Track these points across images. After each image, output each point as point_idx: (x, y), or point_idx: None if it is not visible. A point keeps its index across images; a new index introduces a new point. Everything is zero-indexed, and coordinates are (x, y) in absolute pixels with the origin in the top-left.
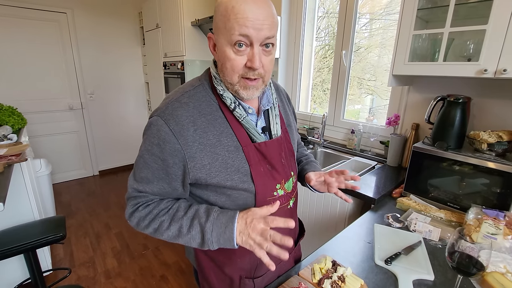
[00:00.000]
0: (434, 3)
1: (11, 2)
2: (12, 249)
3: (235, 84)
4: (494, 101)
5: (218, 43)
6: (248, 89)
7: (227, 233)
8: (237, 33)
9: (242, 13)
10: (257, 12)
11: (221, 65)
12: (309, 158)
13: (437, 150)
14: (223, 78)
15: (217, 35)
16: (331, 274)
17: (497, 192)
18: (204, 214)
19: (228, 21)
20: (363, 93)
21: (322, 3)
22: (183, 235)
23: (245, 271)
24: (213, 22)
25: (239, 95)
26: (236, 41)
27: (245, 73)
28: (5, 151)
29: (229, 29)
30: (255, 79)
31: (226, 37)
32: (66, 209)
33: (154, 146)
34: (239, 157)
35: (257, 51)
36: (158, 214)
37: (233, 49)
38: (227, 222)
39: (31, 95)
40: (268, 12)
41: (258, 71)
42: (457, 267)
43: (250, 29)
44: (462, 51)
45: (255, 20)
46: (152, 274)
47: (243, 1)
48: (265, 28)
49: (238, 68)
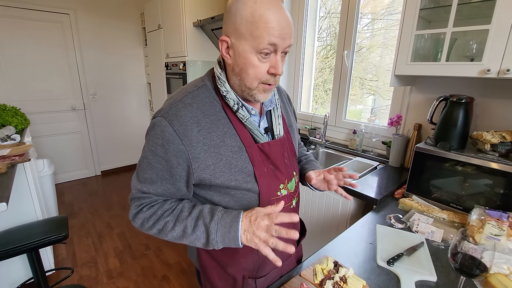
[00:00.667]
0: (436, 3)
1: (14, 3)
2: (15, 248)
3: (254, 89)
4: (497, 101)
5: (238, 48)
6: (266, 92)
7: (231, 233)
8: (266, 42)
9: (271, 23)
10: (284, 21)
11: (241, 70)
12: (309, 158)
13: (440, 151)
14: (241, 81)
15: (237, 40)
16: (333, 275)
17: (500, 193)
18: (209, 214)
19: (256, 29)
20: (365, 93)
21: (323, 3)
22: (188, 235)
23: (248, 271)
24: (231, 26)
25: (255, 98)
26: (264, 49)
27: (266, 80)
28: (8, 151)
29: (256, 37)
30: (273, 84)
31: (252, 44)
32: (68, 209)
33: (158, 146)
34: (243, 157)
35: (279, 58)
36: (162, 215)
37: (258, 56)
38: (231, 221)
39: (34, 96)
40: (290, 21)
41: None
42: (460, 268)
43: (278, 38)
44: (465, 51)
45: (282, 29)
46: (154, 274)
47: (271, 10)
48: (289, 37)
49: (261, 75)
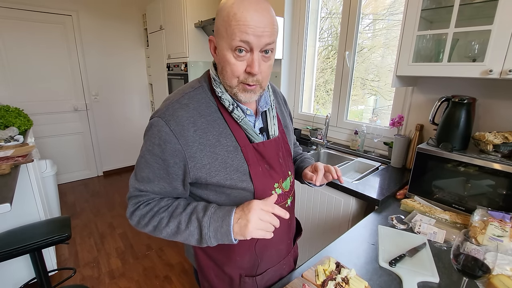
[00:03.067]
0: (438, 4)
1: (18, 5)
2: (18, 249)
3: (234, 87)
4: (500, 102)
5: (219, 46)
6: (247, 92)
7: (224, 227)
8: (237, 39)
9: (243, 20)
10: (258, 20)
11: (221, 68)
12: (303, 156)
13: (442, 151)
14: (223, 80)
15: (218, 38)
16: (335, 275)
17: (503, 193)
18: (202, 209)
19: (229, 26)
20: (366, 93)
21: (325, 4)
22: (182, 231)
23: (244, 269)
24: (215, 26)
25: (238, 98)
26: (237, 47)
27: (244, 79)
28: (12, 152)
29: (230, 35)
30: (253, 85)
31: (227, 41)
32: (71, 210)
33: (155, 146)
34: (238, 157)
35: (256, 57)
36: (158, 212)
37: (233, 54)
38: (224, 216)
39: (37, 97)
40: (269, 20)
41: (257, 77)
42: (462, 269)
43: (251, 36)
44: (467, 52)
45: (255, 27)
46: (156, 274)
47: (245, 8)
48: (265, 35)
49: (238, 73)
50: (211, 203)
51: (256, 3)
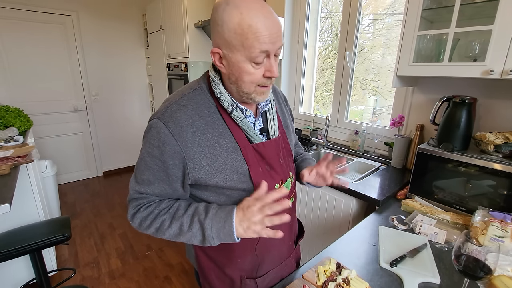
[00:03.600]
0: (439, 4)
1: (18, 5)
2: (18, 249)
3: (251, 93)
4: (501, 102)
5: (232, 59)
6: (264, 93)
7: (226, 227)
8: (258, 51)
9: (261, 31)
10: (272, 26)
11: (237, 79)
12: (304, 156)
13: (443, 152)
14: (239, 89)
15: (229, 51)
16: (336, 276)
17: (504, 194)
18: (203, 211)
19: (246, 40)
20: (366, 93)
21: (325, 4)
22: (184, 233)
23: (246, 271)
24: (219, 38)
25: (254, 100)
26: (256, 57)
27: (263, 83)
28: (11, 152)
29: (248, 47)
30: (269, 85)
31: (245, 54)
32: (70, 210)
33: (154, 148)
34: (238, 158)
35: (273, 62)
36: (159, 214)
37: (252, 64)
38: (226, 216)
39: (37, 97)
40: (278, 23)
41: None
42: (463, 270)
43: (269, 44)
44: (468, 52)
45: (271, 35)
46: (156, 274)
47: (257, 18)
48: (278, 39)
49: (258, 80)
50: (212, 204)
51: (263, 8)
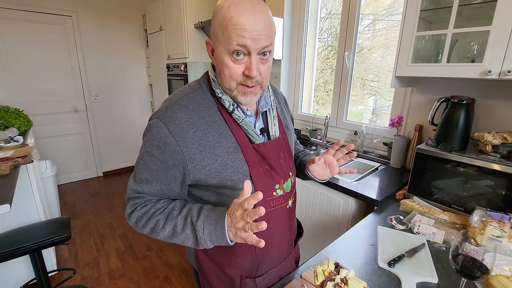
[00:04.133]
0: (437, 4)
1: (17, 5)
2: (18, 249)
3: (233, 90)
4: (499, 102)
5: (216, 49)
6: (246, 95)
7: (218, 230)
8: (235, 43)
9: (240, 24)
10: (255, 23)
11: (219, 71)
12: (306, 152)
13: (441, 152)
14: (221, 83)
15: (215, 41)
16: (334, 276)
17: (502, 194)
18: (196, 212)
19: (226, 30)
20: (366, 94)
21: (324, 4)
22: (178, 234)
23: (245, 271)
24: (211, 29)
25: (238, 100)
26: (234, 50)
27: (243, 81)
28: (11, 153)
29: (227, 38)
30: (253, 86)
31: (224, 45)
32: (70, 210)
33: (154, 148)
34: (238, 158)
35: (254, 60)
36: (154, 213)
37: (231, 58)
38: (217, 218)
39: (37, 97)
40: (266, 23)
41: (256, 79)
42: (461, 270)
43: (248, 39)
44: (466, 52)
45: (252, 31)
46: (156, 275)
47: (241, 12)
48: (262, 38)
49: (236, 76)
50: (205, 205)
51: (252, 6)
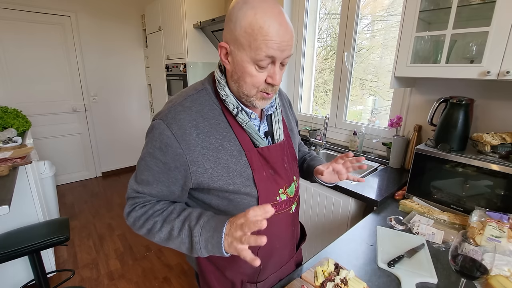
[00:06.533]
0: (436, 5)
1: (16, 5)
2: (17, 250)
3: (251, 96)
4: (498, 103)
5: (237, 56)
6: (264, 100)
7: (215, 238)
8: (263, 54)
9: (270, 36)
10: (283, 34)
11: (239, 78)
12: (312, 154)
13: (440, 152)
14: (239, 89)
15: (236, 48)
16: (334, 277)
17: (501, 194)
18: (196, 218)
19: (254, 40)
20: (365, 94)
21: (323, 4)
22: (174, 238)
23: (247, 275)
24: (230, 34)
25: (253, 104)
26: (261, 61)
27: (265, 89)
28: (10, 153)
29: (254, 49)
30: (271, 93)
31: (250, 54)
32: (69, 211)
33: (156, 149)
34: (242, 161)
35: (278, 69)
36: (152, 215)
37: (255, 67)
38: (216, 226)
39: (36, 98)
40: (291, 33)
41: (275, 87)
42: (460, 270)
43: (277, 51)
44: (465, 53)
45: (281, 42)
46: (155, 275)
47: (271, 22)
48: (288, 48)
49: (259, 84)
50: (205, 211)
51: (279, 15)
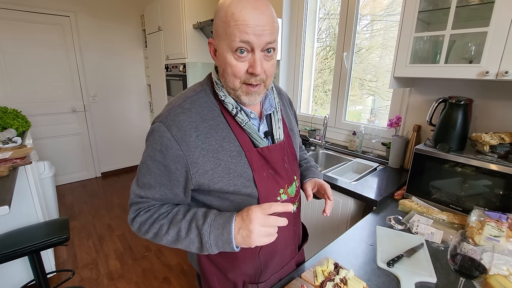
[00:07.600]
0: (435, 5)
1: (15, 6)
2: (17, 251)
3: (237, 89)
4: (496, 103)
5: (219, 48)
6: (250, 95)
7: (225, 234)
8: (237, 40)
9: (242, 20)
10: (258, 18)
11: (223, 70)
12: (309, 162)
13: (439, 152)
14: (225, 83)
15: (217, 40)
16: (334, 276)
17: (500, 194)
18: (202, 216)
19: (228, 27)
20: (364, 94)
21: (323, 5)
22: (182, 239)
23: (248, 276)
24: (213, 28)
25: (241, 100)
26: (237, 48)
27: (247, 79)
28: (10, 154)
29: (229, 36)
30: (257, 85)
31: (227, 43)
32: (69, 211)
33: (156, 152)
34: (242, 162)
35: (258, 57)
36: (157, 218)
37: (234, 55)
38: (224, 222)
39: (35, 98)
40: (268, 18)
41: (260, 77)
42: (459, 269)
43: (251, 35)
44: (464, 53)
45: (255, 26)
46: (155, 276)
47: (243, 7)
48: (266, 33)
49: (240, 74)
50: (211, 209)
51: (254, 1)
